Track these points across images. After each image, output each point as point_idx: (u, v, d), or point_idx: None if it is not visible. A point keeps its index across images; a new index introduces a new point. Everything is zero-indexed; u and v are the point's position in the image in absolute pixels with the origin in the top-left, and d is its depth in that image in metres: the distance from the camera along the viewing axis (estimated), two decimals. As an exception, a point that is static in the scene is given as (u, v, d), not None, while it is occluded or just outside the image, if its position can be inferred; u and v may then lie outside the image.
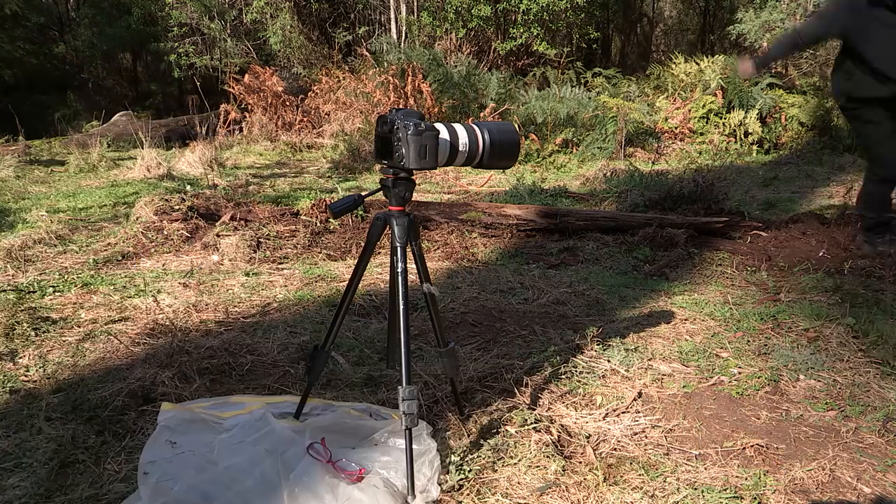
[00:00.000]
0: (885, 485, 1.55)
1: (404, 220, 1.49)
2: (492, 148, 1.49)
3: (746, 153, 7.92)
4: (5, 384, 1.90)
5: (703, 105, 8.23)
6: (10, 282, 2.77)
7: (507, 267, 3.19)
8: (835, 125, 8.38)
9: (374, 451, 1.55)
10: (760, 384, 2.02)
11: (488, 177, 6.01)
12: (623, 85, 9.53)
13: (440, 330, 1.64)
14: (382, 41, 9.94)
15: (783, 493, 1.50)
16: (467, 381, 1.95)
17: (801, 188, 5.68)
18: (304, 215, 3.86)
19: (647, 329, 2.43)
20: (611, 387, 1.99)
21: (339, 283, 2.86)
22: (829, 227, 3.66)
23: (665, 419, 1.82)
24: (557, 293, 2.79)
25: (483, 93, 8.26)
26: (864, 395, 1.96)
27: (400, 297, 1.46)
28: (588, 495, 1.46)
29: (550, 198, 4.86)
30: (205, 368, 1.98)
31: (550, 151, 7.45)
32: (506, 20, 10.98)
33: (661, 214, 3.97)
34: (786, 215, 4.15)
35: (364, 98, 8.22)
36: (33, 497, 1.43)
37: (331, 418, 1.67)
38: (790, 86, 9.94)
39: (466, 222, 3.79)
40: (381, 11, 12.65)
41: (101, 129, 8.65)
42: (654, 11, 16.80)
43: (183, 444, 1.54)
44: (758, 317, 2.54)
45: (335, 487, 1.39)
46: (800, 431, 1.77)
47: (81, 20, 12.23)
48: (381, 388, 1.93)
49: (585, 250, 3.48)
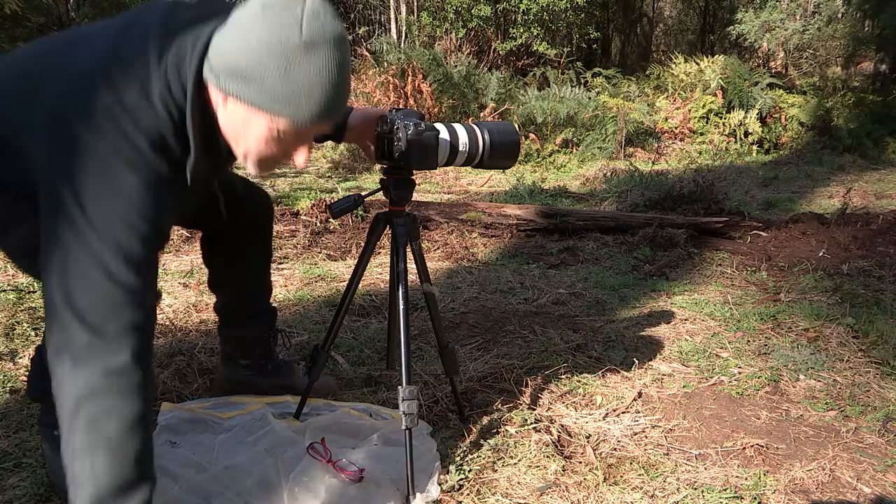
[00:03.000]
0: (885, 485, 1.55)
1: (404, 220, 1.49)
2: (492, 148, 1.49)
3: (746, 153, 7.93)
4: (5, 384, 1.90)
5: (703, 105, 8.24)
6: (10, 282, 2.77)
7: (507, 267, 3.20)
8: (835, 125, 8.39)
9: (374, 451, 1.55)
10: (760, 384, 2.02)
11: (488, 177, 6.01)
12: (623, 85, 9.53)
13: (440, 330, 1.64)
14: (382, 41, 9.93)
15: (783, 493, 1.50)
16: (467, 381, 1.95)
17: (801, 188, 5.68)
18: (304, 215, 3.86)
19: (647, 329, 2.43)
20: (611, 387, 1.99)
21: (339, 283, 2.86)
22: (829, 227, 3.66)
23: (665, 419, 1.82)
24: (557, 293, 2.79)
25: (483, 93, 8.26)
26: (864, 395, 1.96)
27: (400, 297, 1.46)
28: (588, 495, 1.46)
29: (550, 198, 4.86)
30: (205, 368, 1.97)
31: (550, 151, 7.45)
32: (506, 20, 10.98)
33: (661, 214, 3.97)
34: (786, 215, 4.15)
35: (364, 98, 8.21)
36: (33, 497, 1.43)
37: (331, 418, 1.67)
38: (790, 86, 9.95)
39: (466, 222, 3.79)
40: (381, 11, 12.65)
41: (101, 129, 8.64)
42: (654, 11, 16.81)
43: (183, 444, 1.54)
44: (758, 317, 2.54)
45: (335, 487, 1.39)
46: (800, 431, 1.77)
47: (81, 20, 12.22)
48: (381, 388, 1.93)
49: (585, 250, 3.48)
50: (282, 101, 0.98)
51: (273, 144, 1.05)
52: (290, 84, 0.97)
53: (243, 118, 1.03)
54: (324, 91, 0.99)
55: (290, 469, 1.43)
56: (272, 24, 0.95)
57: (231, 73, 0.98)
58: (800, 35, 11.48)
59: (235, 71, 0.97)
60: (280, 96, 0.98)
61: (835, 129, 8.32)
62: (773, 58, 12.71)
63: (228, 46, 0.98)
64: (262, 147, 1.05)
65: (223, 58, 0.99)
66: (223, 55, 0.99)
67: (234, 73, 0.98)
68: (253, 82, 0.97)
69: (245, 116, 1.02)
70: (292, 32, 0.95)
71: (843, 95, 9.55)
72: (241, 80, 0.98)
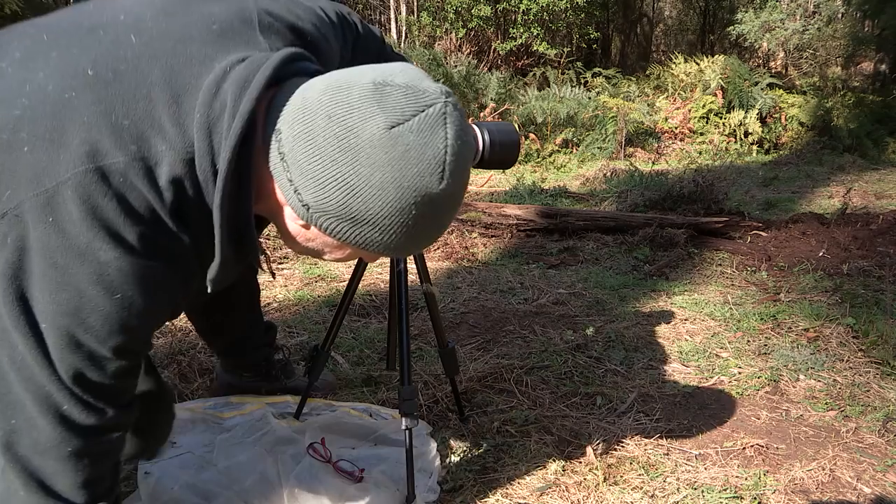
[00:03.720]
0: (885, 485, 1.55)
1: (404, 220, 1.49)
2: (492, 148, 1.49)
3: (746, 153, 7.92)
4: (5, 384, 1.90)
5: (703, 105, 8.23)
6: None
7: (507, 267, 3.20)
8: (835, 125, 8.39)
9: (374, 451, 1.55)
10: (760, 384, 2.02)
11: (488, 177, 6.01)
12: (623, 85, 9.53)
13: (440, 330, 1.64)
14: (382, 41, 9.92)
15: (783, 493, 1.50)
16: (467, 381, 1.95)
17: (801, 188, 5.68)
18: (304, 215, 3.86)
19: (647, 329, 2.43)
20: (611, 387, 1.99)
21: (339, 283, 2.86)
22: (829, 227, 3.66)
23: (665, 419, 1.82)
24: (557, 293, 2.79)
25: (483, 93, 8.25)
26: (864, 395, 1.96)
27: (400, 297, 1.46)
28: (588, 495, 1.46)
29: (550, 198, 4.86)
30: (205, 368, 1.97)
31: (550, 151, 7.45)
32: (506, 20, 10.97)
33: (661, 214, 3.97)
34: (786, 215, 4.15)
35: (364, 98, 8.21)
36: (33, 497, 1.43)
37: (331, 418, 1.67)
38: (790, 86, 9.95)
39: (466, 222, 3.79)
40: (381, 11, 12.65)
41: (101, 129, 8.63)
42: (654, 11, 16.80)
43: (183, 444, 1.54)
44: (758, 317, 2.54)
45: (335, 487, 1.39)
46: (800, 431, 1.77)
47: (81, 20, 12.25)
48: (381, 388, 1.93)
49: (585, 250, 3.48)
50: (392, 250, 0.77)
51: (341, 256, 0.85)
52: (411, 240, 0.76)
53: (325, 243, 0.80)
54: (431, 238, 0.79)
55: (290, 469, 1.43)
56: (407, 167, 0.69)
57: (331, 213, 0.73)
58: (800, 35, 11.48)
59: (340, 213, 0.72)
60: (392, 248, 0.76)
61: (835, 129, 8.32)
62: (773, 58, 12.71)
63: (322, 171, 0.70)
64: (327, 258, 0.86)
65: (315, 183, 0.71)
66: (312, 177, 0.71)
67: (338, 214, 0.73)
68: (365, 227, 0.73)
69: (328, 243, 0.80)
70: (431, 183, 0.71)
71: (843, 95, 9.54)
72: (347, 221, 0.73)
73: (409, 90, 0.71)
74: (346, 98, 0.70)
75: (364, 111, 0.69)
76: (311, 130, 0.70)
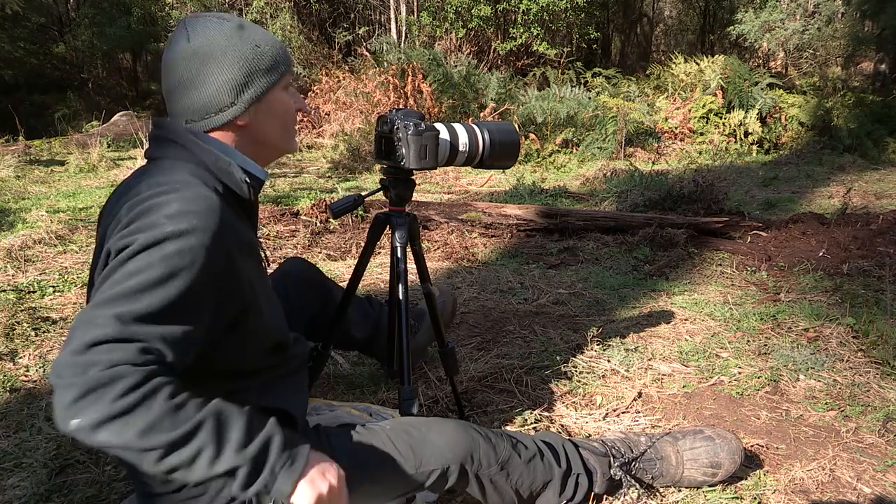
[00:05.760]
0: (885, 485, 1.55)
1: (404, 220, 1.49)
2: (492, 148, 1.49)
3: (746, 153, 7.92)
4: (5, 384, 1.90)
5: (703, 105, 8.23)
6: (10, 282, 2.77)
7: (507, 267, 3.20)
8: (835, 125, 8.39)
9: (374, 451, 1.55)
10: (760, 384, 2.02)
11: (488, 177, 6.01)
12: (623, 85, 9.53)
13: (440, 330, 1.64)
14: (382, 41, 9.93)
15: (783, 493, 1.50)
16: (467, 381, 1.95)
17: (801, 188, 5.68)
18: (304, 215, 3.87)
19: (647, 329, 2.43)
20: (611, 387, 1.99)
21: (339, 284, 2.86)
22: (829, 227, 3.66)
23: (665, 419, 1.82)
24: (557, 293, 2.79)
25: (483, 93, 8.26)
26: (864, 395, 1.96)
27: (400, 297, 1.46)
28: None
29: (550, 198, 4.86)
30: (205, 368, 1.97)
31: (550, 151, 7.45)
32: (506, 20, 10.98)
33: (661, 214, 3.97)
34: (786, 215, 4.15)
35: (364, 98, 8.22)
36: (33, 497, 1.43)
37: (331, 418, 1.67)
38: (790, 86, 9.95)
39: (466, 222, 3.79)
40: (381, 11, 12.65)
41: (101, 128, 8.63)
42: (654, 11, 16.81)
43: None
44: (758, 317, 2.54)
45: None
46: (800, 431, 1.77)
47: (81, 20, 12.21)
48: (381, 388, 1.93)
49: (585, 250, 3.49)
50: (251, 58, 1.09)
51: (288, 99, 1.16)
52: (245, 44, 1.08)
53: (267, 104, 1.12)
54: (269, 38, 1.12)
55: (290, 469, 1.42)
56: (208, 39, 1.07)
57: (228, 89, 1.08)
58: (800, 35, 11.47)
59: (233, 84, 1.08)
60: (245, 55, 1.08)
61: (835, 129, 8.32)
62: (773, 58, 12.71)
63: (197, 93, 1.08)
64: (289, 107, 1.16)
65: (205, 99, 1.08)
66: (201, 101, 1.09)
67: (232, 85, 1.08)
68: (229, 69, 1.07)
69: (265, 102, 1.12)
70: (223, 34, 1.08)
71: (843, 95, 9.54)
72: (242, 75, 1.08)
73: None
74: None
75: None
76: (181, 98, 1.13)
